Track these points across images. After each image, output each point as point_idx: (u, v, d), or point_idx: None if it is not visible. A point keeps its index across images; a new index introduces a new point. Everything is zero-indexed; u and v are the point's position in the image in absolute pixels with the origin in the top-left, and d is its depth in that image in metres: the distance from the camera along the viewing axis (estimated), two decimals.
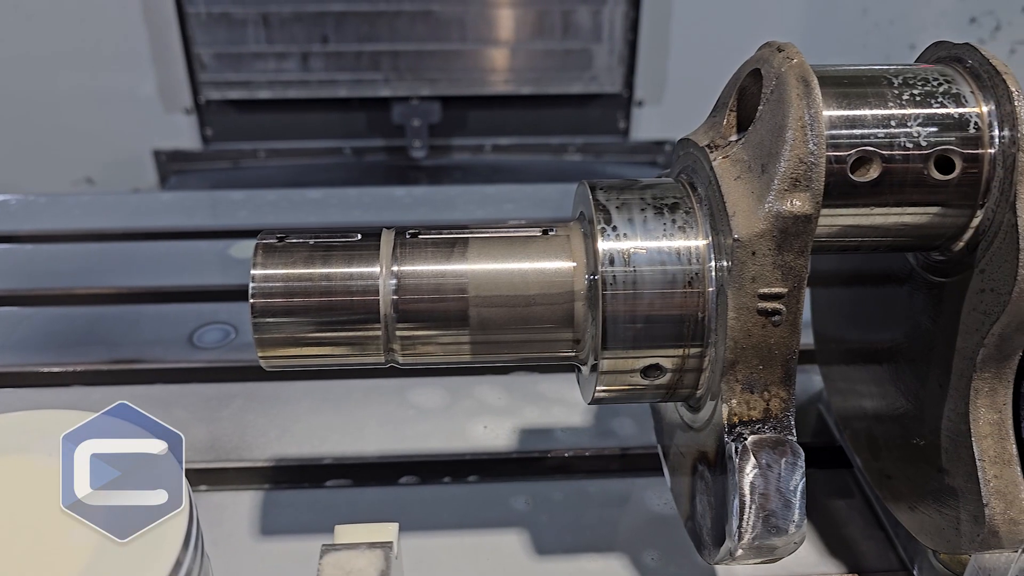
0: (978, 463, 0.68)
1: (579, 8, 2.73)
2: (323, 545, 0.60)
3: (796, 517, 0.65)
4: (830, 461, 0.97)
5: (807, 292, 0.99)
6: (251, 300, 0.70)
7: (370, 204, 1.55)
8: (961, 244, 0.69)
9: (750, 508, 0.65)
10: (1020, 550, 0.70)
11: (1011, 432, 0.69)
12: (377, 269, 0.70)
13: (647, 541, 0.89)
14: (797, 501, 0.65)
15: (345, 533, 0.62)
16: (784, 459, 0.65)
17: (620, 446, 1.00)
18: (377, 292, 0.70)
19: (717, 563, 0.70)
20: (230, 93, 2.79)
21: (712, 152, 0.69)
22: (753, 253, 0.64)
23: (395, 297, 0.70)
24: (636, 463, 0.98)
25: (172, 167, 2.91)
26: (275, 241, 0.72)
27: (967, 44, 0.69)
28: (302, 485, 0.97)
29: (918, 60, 0.75)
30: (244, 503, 0.93)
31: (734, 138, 0.70)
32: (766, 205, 0.63)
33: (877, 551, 0.89)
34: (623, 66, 2.80)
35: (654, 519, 0.91)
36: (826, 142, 0.64)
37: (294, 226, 1.45)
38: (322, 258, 0.71)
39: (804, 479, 0.65)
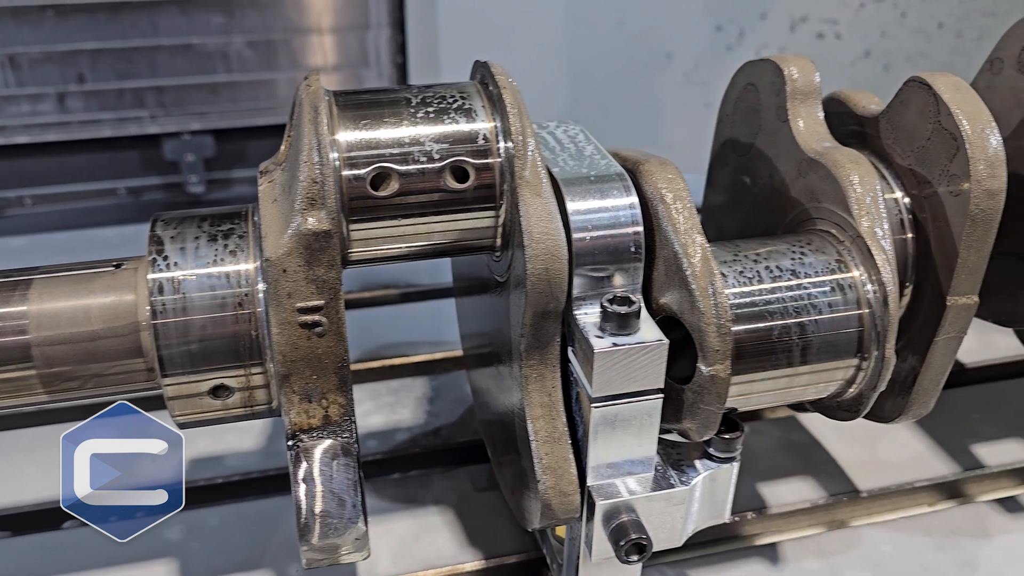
0: (532, 443, 0.74)
1: (344, 35, 2.76)
2: None
3: (352, 514, 0.69)
4: (483, 457, 1.03)
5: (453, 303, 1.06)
6: None
7: (75, 247, 1.52)
8: (499, 245, 0.75)
9: (306, 511, 0.68)
10: (583, 519, 0.76)
11: (561, 412, 0.75)
12: None
13: (294, 555, 0.91)
14: (351, 499, 0.69)
15: None
16: (336, 460, 0.69)
17: (283, 466, 1.02)
18: None
19: (308, 568, 0.73)
20: None
21: (261, 177, 0.73)
22: (284, 271, 0.68)
23: None
24: None
25: None
26: None
27: (484, 62, 0.75)
28: None
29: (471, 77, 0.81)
30: None
31: (283, 163, 0.73)
32: (291, 226, 0.67)
33: (515, 537, 0.94)
34: None
35: None
36: (343, 162, 0.69)
37: None
38: None
39: (358, 477, 0.69)
